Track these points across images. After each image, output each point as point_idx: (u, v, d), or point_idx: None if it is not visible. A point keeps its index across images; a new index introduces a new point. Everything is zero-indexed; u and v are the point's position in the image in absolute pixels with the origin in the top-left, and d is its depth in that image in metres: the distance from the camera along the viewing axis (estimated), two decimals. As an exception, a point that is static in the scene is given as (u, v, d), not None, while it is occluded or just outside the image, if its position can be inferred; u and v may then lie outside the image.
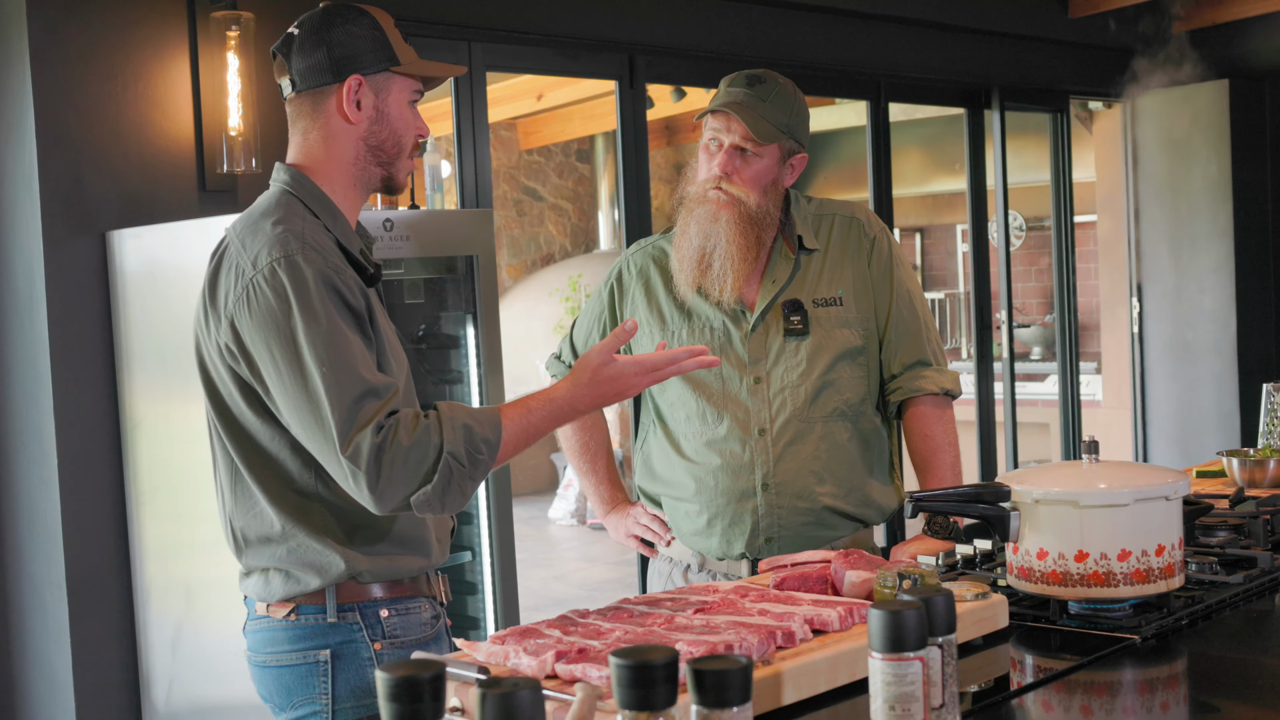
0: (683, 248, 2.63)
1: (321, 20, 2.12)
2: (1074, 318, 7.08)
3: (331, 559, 2.07)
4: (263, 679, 2.15)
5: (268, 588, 2.12)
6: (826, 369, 2.61)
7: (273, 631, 2.12)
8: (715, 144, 2.60)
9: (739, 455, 2.60)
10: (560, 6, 4.94)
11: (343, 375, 1.95)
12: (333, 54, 2.10)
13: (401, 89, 2.15)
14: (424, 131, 2.20)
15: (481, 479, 1.98)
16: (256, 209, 2.12)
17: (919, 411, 2.66)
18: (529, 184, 10.82)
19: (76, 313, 3.65)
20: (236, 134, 3.82)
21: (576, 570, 7.82)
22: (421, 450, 1.93)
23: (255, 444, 2.08)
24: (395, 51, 2.14)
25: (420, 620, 2.15)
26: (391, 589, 2.12)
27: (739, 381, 2.62)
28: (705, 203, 2.60)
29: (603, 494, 2.89)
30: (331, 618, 2.09)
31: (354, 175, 2.16)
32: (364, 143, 2.14)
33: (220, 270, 2.07)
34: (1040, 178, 7.43)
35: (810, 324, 2.62)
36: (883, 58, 6.07)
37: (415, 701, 1.08)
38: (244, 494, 2.11)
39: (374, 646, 2.09)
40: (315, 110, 2.14)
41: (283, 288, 1.98)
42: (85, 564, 3.65)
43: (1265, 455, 2.96)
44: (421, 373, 4.20)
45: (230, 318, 2.02)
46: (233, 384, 2.06)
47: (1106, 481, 1.98)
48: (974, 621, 1.89)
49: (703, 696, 1.12)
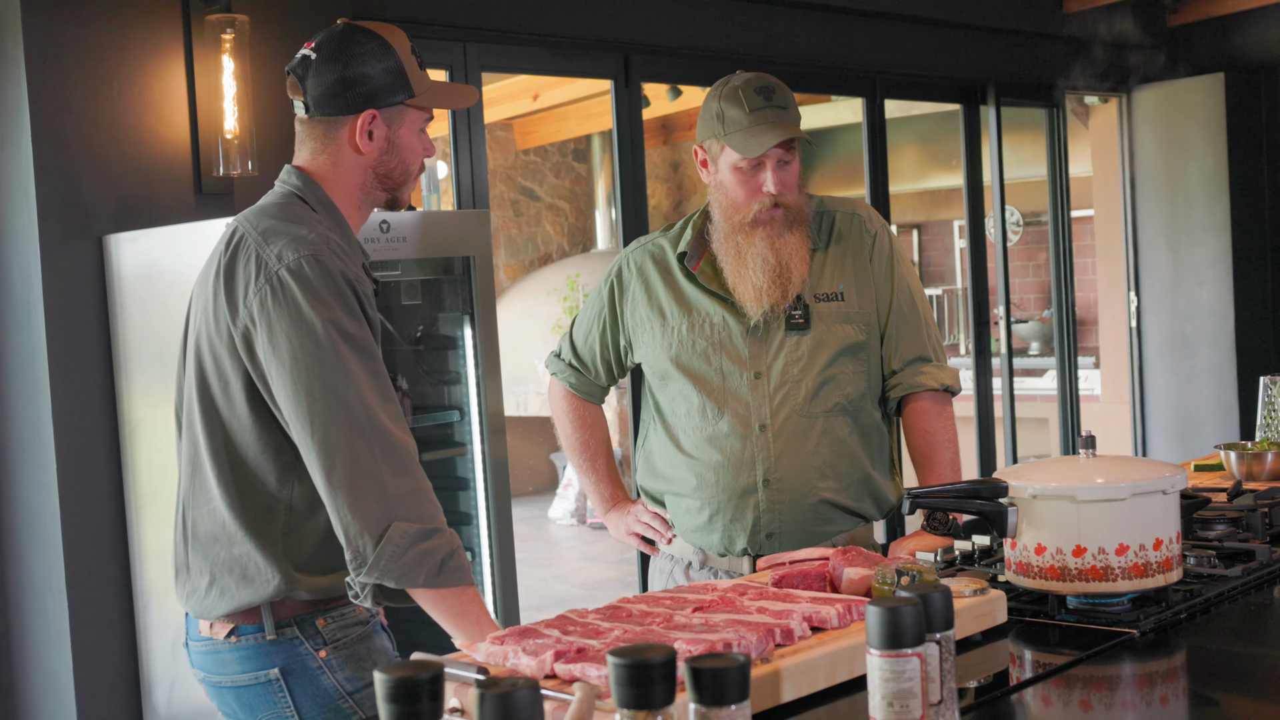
0: (752, 268, 2.59)
1: (340, 46, 2.10)
2: (1072, 312, 7.08)
3: (269, 572, 2.07)
4: (221, 698, 2.17)
5: (203, 602, 2.12)
6: (827, 364, 2.61)
7: (218, 654, 2.14)
8: (754, 167, 2.57)
9: (740, 451, 2.61)
10: (555, 6, 4.94)
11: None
12: (350, 86, 2.09)
13: (414, 119, 2.16)
14: (431, 153, 2.21)
15: (410, 573, 1.99)
16: (270, 206, 2.12)
17: (918, 407, 2.67)
18: (526, 184, 10.82)
19: (74, 317, 3.65)
20: (232, 137, 3.82)
21: (577, 569, 7.82)
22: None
23: (234, 438, 2.08)
24: (411, 81, 2.13)
25: (357, 619, 2.16)
26: (323, 597, 2.13)
27: (739, 376, 2.62)
28: (768, 223, 2.59)
29: (603, 492, 2.89)
30: (271, 635, 2.10)
31: (359, 198, 2.17)
32: (373, 171, 2.15)
33: (237, 261, 2.06)
34: (1037, 173, 7.43)
35: (811, 319, 2.62)
36: (878, 54, 6.07)
37: (413, 702, 1.08)
38: (202, 486, 2.12)
39: (319, 655, 2.11)
40: (327, 136, 2.14)
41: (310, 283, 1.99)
42: (85, 568, 3.65)
43: (1263, 448, 2.96)
44: (420, 374, 4.20)
45: (250, 310, 2.02)
46: (233, 374, 2.06)
47: (1104, 476, 1.98)
48: (972, 617, 1.89)
49: (700, 695, 1.13)
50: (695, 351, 2.64)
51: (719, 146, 2.60)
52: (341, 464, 1.97)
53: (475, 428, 3.99)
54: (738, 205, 2.60)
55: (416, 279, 4.08)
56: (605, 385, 2.89)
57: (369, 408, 1.99)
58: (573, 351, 2.87)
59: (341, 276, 2.02)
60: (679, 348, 2.65)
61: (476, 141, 4.71)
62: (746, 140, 2.54)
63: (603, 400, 2.92)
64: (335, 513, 1.98)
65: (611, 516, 2.86)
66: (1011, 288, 7.03)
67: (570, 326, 2.90)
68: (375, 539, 1.96)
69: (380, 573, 1.96)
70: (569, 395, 2.89)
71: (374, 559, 1.95)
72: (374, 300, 2.13)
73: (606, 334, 2.80)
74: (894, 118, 7.45)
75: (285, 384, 1.99)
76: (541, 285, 9.97)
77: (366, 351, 2.02)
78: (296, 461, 2.05)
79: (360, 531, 1.96)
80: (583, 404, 2.90)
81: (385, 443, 1.99)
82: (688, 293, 2.68)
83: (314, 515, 2.08)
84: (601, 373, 2.85)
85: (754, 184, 2.58)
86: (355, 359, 1.99)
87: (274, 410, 2.04)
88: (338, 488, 1.97)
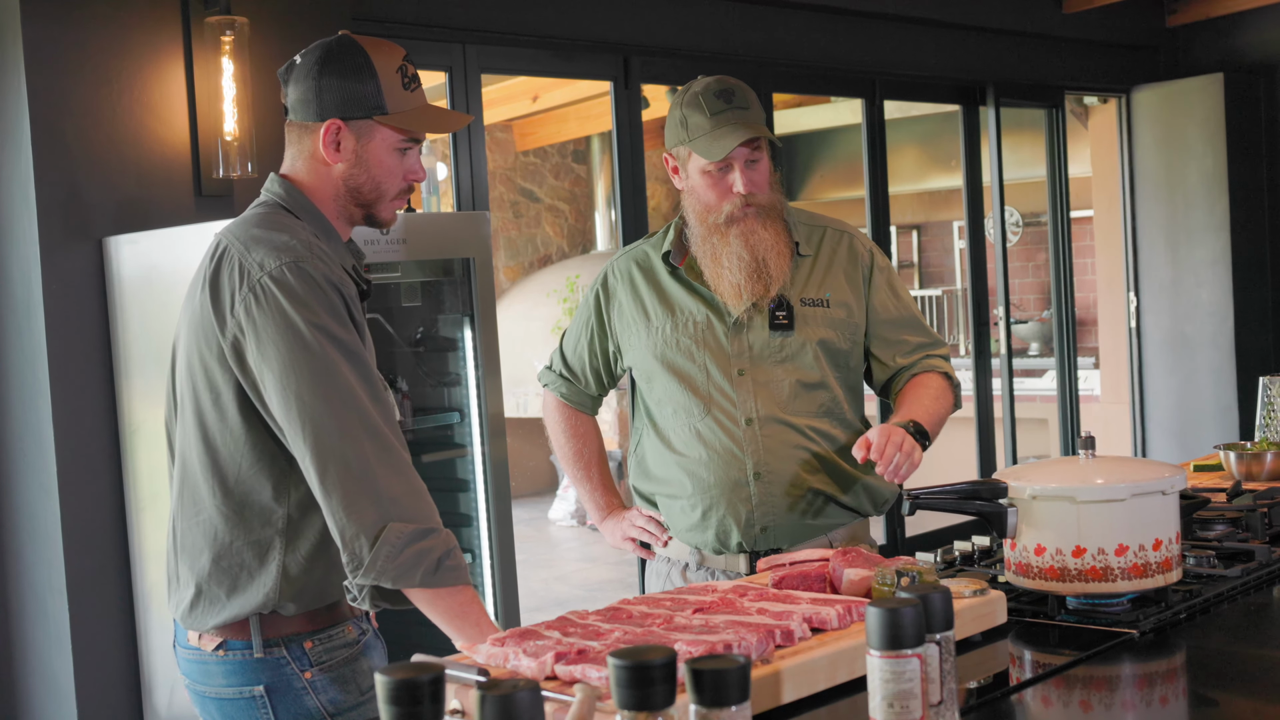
0: (730, 267, 2.62)
1: (321, 56, 2.12)
2: (1071, 313, 7.08)
3: (260, 582, 2.07)
4: (204, 706, 2.17)
5: (190, 614, 2.13)
6: (809, 365, 2.63)
7: (204, 665, 2.14)
8: (722, 169, 2.61)
9: (729, 446, 2.62)
10: (554, 8, 4.94)
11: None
12: (319, 95, 2.11)
13: (387, 137, 2.13)
14: (416, 177, 2.19)
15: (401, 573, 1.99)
16: (252, 216, 2.13)
17: (919, 379, 2.68)
18: (526, 185, 10.82)
19: (74, 320, 3.65)
20: (232, 139, 3.82)
21: (577, 571, 7.82)
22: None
23: (227, 450, 2.08)
24: (386, 100, 2.11)
25: (345, 641, 2.16)
26: (314, 619, 2.13)
27: (723, 373, 2.64)
28: (743, 220, 2.62)
29: (598, 500, 2.90)
30: (258, 652, 2.10)
31: (335, 208, 2.18)
32: (343, 183, 2.15)
33: (221, 272, 2.07)
34: (1036, 173, 7.43)
35: (796, 320, 2.64)
36: (877, 56, 6.07)
37: (414, 704, 1.08)
38: (192, 499, 2.12)
39: (304, 675, 2.11)
40: (301, 141, 2.16)
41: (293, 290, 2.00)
42: (86, 570, 3.65)
43: (1262, 448, 2.96)
44: (420, 375, 4.20)
45: (237, 320, 2.02)
46: (224, 385, 2.06)
47: (1103, 477, 1.98)
48: (973, 618, 1.90)
49: (701, 696, 1.13)
50: (679, 349, 2.66)
51: (686, 152, 2.65)
52: (335, 467, 1.97)
53: (475, 429, 3.99)
54: (710, 207, 2.64)
55: (416, 281, 4.08)
56: (596, 395, 2.91)
57: (360, 410, 1.99)
58: (563, 362, 2.89)
59: (325, 280, 2.03)
60: (663, 346, 2.67)
61: (476, 143, 4.71)
62: (710, 145, 2.58)
63: (595, 410, 2.94)
64: (330, 515, 1.98)
65: (607, 524, 2.87)
66: (1011, 288, 7.03)
67: (561, 339, 2.92)
68: (371, 540, 1.96)
69: (377, 573, 1.96)
70: (561, 406, 2.92)
71: (370, 560, 1.96)
72: (361, 303, 2.14)
73: (595, 342, 2.82)
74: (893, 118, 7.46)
75: (276, 390, 2.00)
76: (541, 287, 9.97)
77: (354, 354, 2.02)
78: (291, 468, 2.05)
79: (356, 533, 1.96)
80: (575, 414, 2.91)
81: (377, 444, 1.99)
82: (672, 293, 2.71)
83: (311, 521, 2.08)
84: (591, 382, 2.87)
85: (724, 185, 2.62)
86: (343, 362, 2.00)
87: (267, 418, 2.04)
88: (332, 490, 1.97)
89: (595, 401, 2.93)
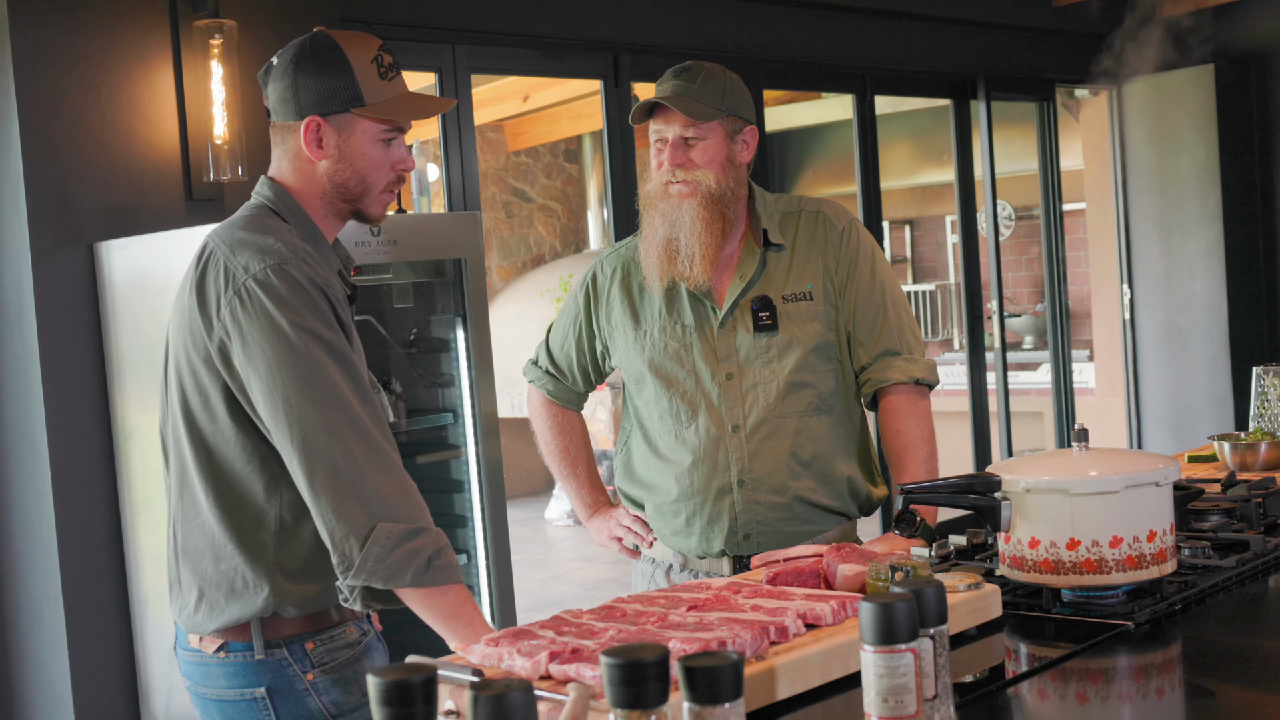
0: (650, 242, 2.62)
1: (295, 56, 2.12)
2: (1065, 306, 7.09)
3: (258, 585, 2.07)
4: (205, 709, 2.17)
5: (193, 617, 2.13)
6: (798, 364, 2.59)
7: (206, 666, 2.14)
8: (660, 141, 2.61)
9: (713, 452, 2.60)
10: (543, 7, 4.93)
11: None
12: (296, 93, 2.11)
13: (367, 129, 2.12)
14: (405, 167, 2.18)
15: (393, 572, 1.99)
16: (240, 219, 2.13)
17: (890, 404, 2.63)
18: (517, 185, 10.81)
19: (66, 325, 3.65)
20: (222, 142, 3.81)
21: (573, 570, 7.82)
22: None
23: (219, 453, 2.08)
24: (362, 91, 2.10)
25: (346, 642, 2.16)
26: (315, 621, 2.13)
27: (711, 378, 2.61)
28: (666, 197, 2.60)
29: (585, 497, 2.88)
30: (260, 655, 2.10)
31: (323, 207, 2.17)
32: (329, 179, 2.15)
33: (207, 275, 2.07)
34: (1028, 167, 7.44)
35: (779, 319, 2.61)
36: (868, 51, 6.07)
37: (407, 705, 1.08)
38: (190, 502, 2.12)
39: (306, 677, 2.11)
40: (285, 142, 2.16)
41: (278, 292, 1.99)
42: (81, 575, 3.65)
43: (1256, 439, 2.96)
44: (413, 376, 4.20)
45: (223, 323, 2.02)
46: (213, 388, 2.06)
47: (1097, 469, 1.98)
48: (967, 612, 1.89)
49: (694, 693, 1.12)
50: (668, 354, 2.64)
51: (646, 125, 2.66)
52: (323, 468, 1.97)
53: (469, 430, 3.98)
54: (648, 178, 2.65)
55: (408, 282, 4.08)
56: (583, 391, 2.89)
57: (347, 410, 1.99)
58: (549, 359, 2.86)
59: (309, 282, 2.02)
60: (652, 350, 2.65)
61: (467, 143, 4.70)
62: (641, 105, 2.60)
63: (581, 406, 2.92)
64: (320, 517, 1.98)
65: (594, 522, 2.86)
66: (1004, 282, 7.04)
67: (546, 334, 2.89)
68: (361, 541, 1.96)
69: (367, 574, 1.96)
70: (547, 402, 2.89)
71: (360, 560, 1.95)
72: (348, 305, 2.14)
73: (583, 340, 2.80)
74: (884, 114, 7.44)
75: (263, 392, 2.00)
76: (534, 286, 9.96)
77: (341, 355, 2.02)
78: (282, 471, 2.05)
79: (345, 534, 1.96)
80: (561, 411, 2.89)
81: (365, 444, 1.99)
82: (660, 295, 2.68)
83: (303, 524, 2.08)
84: (579, 379, 2.85)
85: (660, 158, 2.62)
86: (330, 363, 2.00)
87: (255, 421, 2.04)
88: (320, 492, 1.97)
89: (581, 398, 2.91)
